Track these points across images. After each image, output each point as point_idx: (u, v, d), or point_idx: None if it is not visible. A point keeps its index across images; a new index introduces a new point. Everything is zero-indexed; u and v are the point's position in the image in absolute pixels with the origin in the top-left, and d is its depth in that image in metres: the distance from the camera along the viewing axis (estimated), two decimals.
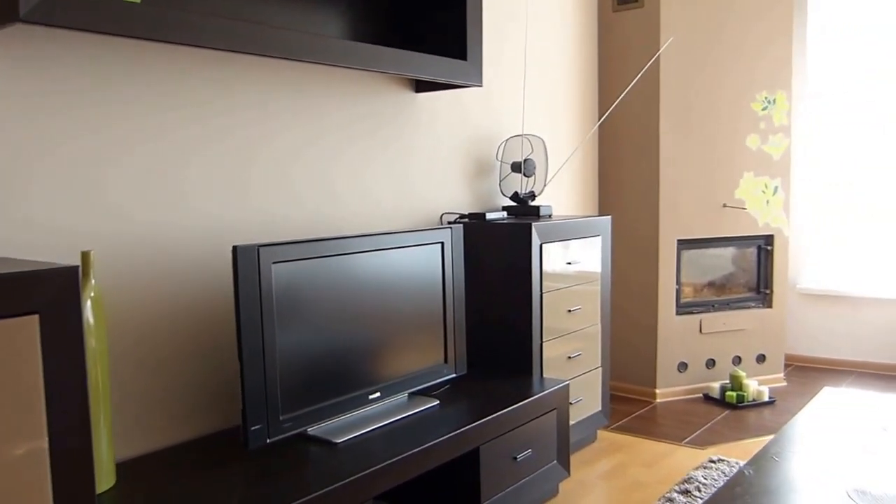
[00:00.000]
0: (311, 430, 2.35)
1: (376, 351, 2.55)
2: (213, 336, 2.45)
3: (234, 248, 2.09)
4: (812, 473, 2.18)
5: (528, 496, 2.81)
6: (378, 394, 2.54)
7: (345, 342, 2.43)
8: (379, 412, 2.55)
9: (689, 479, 3.10)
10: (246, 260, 2.12)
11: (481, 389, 2.89)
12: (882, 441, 2.44)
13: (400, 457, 2.21)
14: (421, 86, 3.16)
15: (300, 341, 2.28)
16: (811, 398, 4.26)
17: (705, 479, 3.10)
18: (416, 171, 3.20)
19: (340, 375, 2.42)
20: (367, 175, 2.97)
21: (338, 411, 2.41)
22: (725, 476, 3.13)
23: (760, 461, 2.26)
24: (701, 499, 2.91)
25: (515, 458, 2.72)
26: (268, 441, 2.18)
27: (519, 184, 3.61)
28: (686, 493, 2.97)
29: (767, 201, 4.37)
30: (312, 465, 2.14)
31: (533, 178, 3.59)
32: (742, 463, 3.27)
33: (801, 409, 4.06)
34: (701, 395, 4.35)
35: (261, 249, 2.16)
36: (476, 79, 3.02)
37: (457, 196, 3.43)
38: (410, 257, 2.66)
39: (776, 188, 4.38)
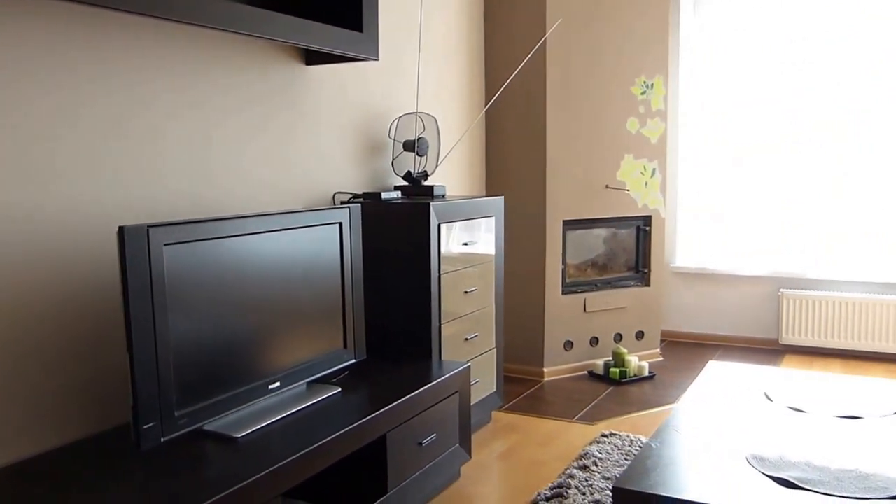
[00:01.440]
0: (209, 425, 2.18)
1: (275, 338, 2.40)
2: (99, 327, 2.23)
3: (121, 230, 1.90)
4: (712, 443, 2.24)
5: (432, 481, 2.76)
6: (278, 383, 2.40)
7: (241, 330, 2.27)
8: (279, 403, 2.42)
9: (585, 454, 3.15)
10: (134, 242, 1.92)
11: (382, 375, 2.81)
12: (767, 409, 2.56)
13: (306, 451, 2.09)
14: (313, 58, 3.00)
15: (194, 330, 2.10)
16: (687, 372, 4.46)
17: (600, 453, 3.15)
18: (305, 148, 3.05)
19: (238, 366, 2.26)
20: (250, 152, 2.79)
21: (236, 404, 2.25)
22: (619, 449, 3.20)
23: (664, 434, 2.31)
24: (599, 473, 2.96)
25: (420, 444, 2.66)
26: (162, 440, 2.00)
27: (412, 163, 3.53)
28: (584, 468, 3.01)
29: (646, 183, 4.51)
30: (212, 464, 1.99)
31: (425, 157, 3.52)
32: (633, 436, 3.36)
33: (678, 382, 4.24)
34: (586, 372, 4.45)
35: (150, 230, 1.97)
36: (372, 52, 2.90)
37: (348, 175, 3.31)
38: (308, 239, 2.53)
39: (654, 170, 4.53)
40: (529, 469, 3.09)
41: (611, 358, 4.48)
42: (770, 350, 4.96)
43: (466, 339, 3.35)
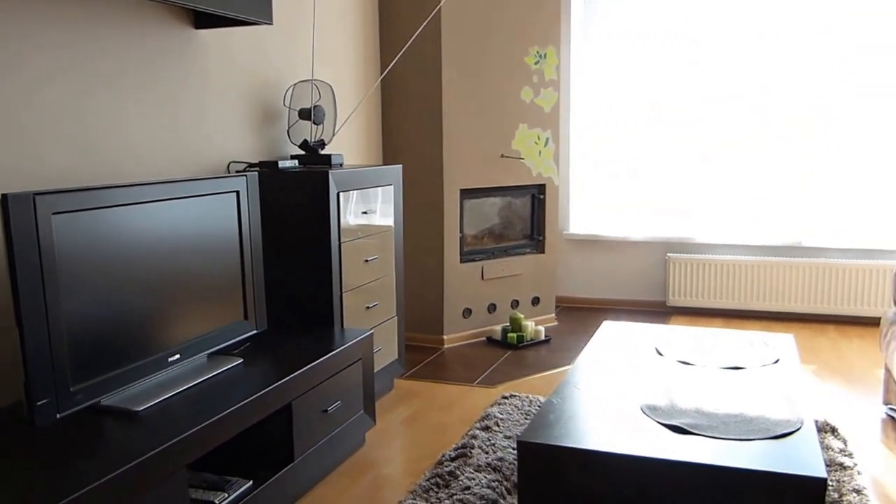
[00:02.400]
0: (107, 400, 2.11)
1: (173, 310, 2.34)
2: None
3: (4, 197, 1.79)
4: (609, 396, 2.35)
5: (338, 448, 2.76)
6: (178, 356, 2.34)
7: (138, 302, 2.19)
8: (180, 375, 2.36)
9: (486, 416, 3.23)
10: (19, 210, 1.82)
11: (285, 345, 2.78)
12: (658, 363, 2.70)
13: (209, 421, 2.05)
14: (203, 21, 2.90)
15: (88, 303, 2.02)
16: (581, 335, 4.62)
17: (501, 414, 3.24)
18: (196, 116, 2.95)
19: (135, 339, 2.19)
20: (135, 120, 2.68)
21: (135, 377, 2.18)
22: (519, 410, 3.30)
23: (563, 391, 2.40)
24: (500, 432, 3.04)
25: (326, 411, 2.66)
26: (58, 416, 1.92)
27: (309, 132, 3.47)
28: (487, 428, 3.09)
29: (540, 152, 4.61)
30: (112, 439, 1.92)
31: (322, 126, 3.48)
32: (531, 396, 3.47)
33: (573, 345, 4.40)
34: (485, 338, 4.55)
35: (37, 198, 1.87)
36: (265, 15, 2.83)
37: (243, 144, 3.23)
38: (205, 208, 2.46)
39: (547, 140, 4.64)
40: (433, 432, 3.15)
41: (508, 323, 4.59)
42: (658, 312, 5.20)
43: (368, 308, 3.36)
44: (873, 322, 4.81)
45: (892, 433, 3.13)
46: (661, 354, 2.80)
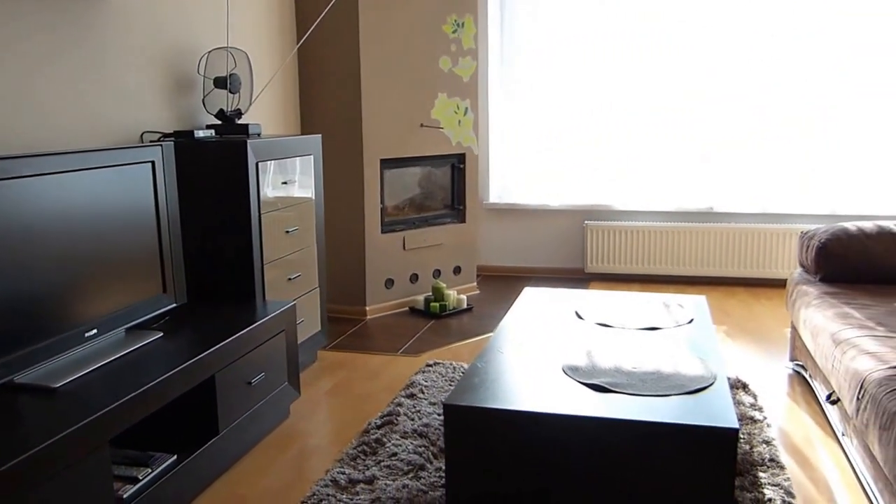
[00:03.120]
0: (20, 378, 2.03)
1: (89, 285, 2.26)
2: None
3: None
4: (532, 359, 2.40)
5: (263, 420, 2.74)
6: (95, 331, 2.26)
7: (51, 277, 2.11)
8: (98, 351, 2.29)
9: (411, 383, 3.25)
10: None
11: (206, 317, 2.73)
12: (579, 326, 2.77)
13: (129, 396, 2.00)
14: None
15: None
16: (503, 302, 4.69)
17: (426, 381, 3.27)
18: (105, 84, 2.83)
19: (49, 314, 2.11)
20: (38, 87, 2.55)
21: (50, 354, 2.11)
22: (443, 377, 3.33)
23: (488, 355, 2.44)
24: (426, 399, 3.08)
25: (250, 383, 2.63)
26: None
27: (225, 101, 3.39)
28: (412, 396, 3.11)
29: (459, 121, 4.63)
30: (29, 417, 1.86)
31: (238, 95, 3.40)
32: (455, 363, 3.52)
33: (495, 312, 4.46)
34: (407, 308, 4.56)
35: None
36: None
37: (157, 114, 3.12)
38: (119, 179, 2.37)
39: (466, 109, 4.66)
40: (358, 402, 3.16)
41: (430, 293, 4.61)
42: (577, 278, 5.33)
43: (289, 280, 3.32)
44: (781, 284, 5.05)
45: (797, 387, 3.31)
46: (580, 318, 2.88)
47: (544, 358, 2.41)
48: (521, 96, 5.28)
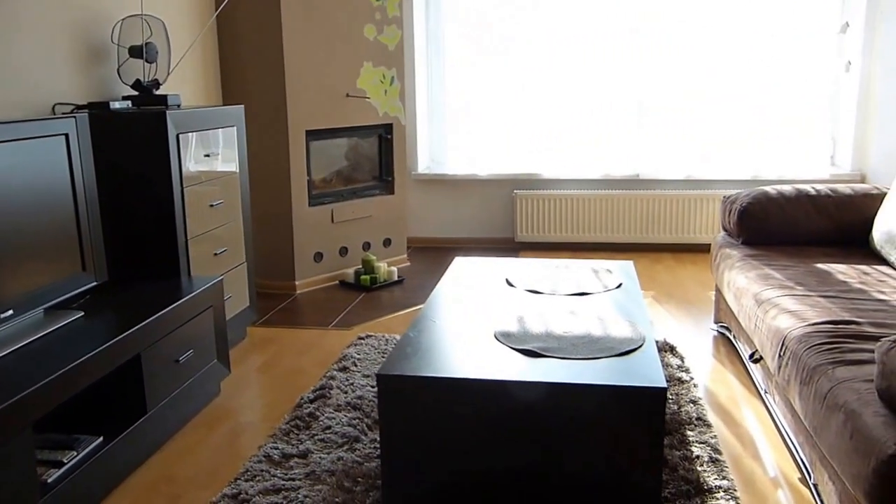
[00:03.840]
0: None
1: (1, 264, 2.14)
2: None
3: None
4: (464, 327, 2.40)
5: (193, 398, 2.68)
6: (10, 311, 2.15)
7: None
8: (15, 332, 2.18)
9: (343, 357, 3.22)
10: None
11: (129, 295, 2.63)
12: (510, 293, 2.78)
13: (51, 377, 1.92)
14: None
15: None
16: (434, 274, 4.68)
17: (358, 354, 3.25)
18: (10, 53, 2.67)
19: None
20: None
21: None
22: (376, 349, 3.31)
23: (420, 325, 2.43)
24: (359, 372, 3.05)
25: (178, 361, 2.55)
26: None
27: (141, 71, 3.24)
28: (344, 369, 3.08)
29: (386, 91, 4.56)
30: None
31: (155, 65, 3.26)
32: (388, 335, 3.50)
33: (426, 284, 4.45)
34: (337, 282, 4.51)
35: None
36: None
37: (69, 85, 2.97)
38: (30, 152, 2.25)
39: (393, 78, 4.59)
40: (290, 377, 3.11)
41: (361, 266, 4.57)
42: (507, 248, 5.35)
43: (215, 255, 3.23)
44: (704, 248, 5.19)
45: (722, 348, 3.42)
46: (511, 285, 2.89)
47: (476, 325, 2.41)
48: (448, 65, 5.24)
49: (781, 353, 2.31)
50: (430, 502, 2.09)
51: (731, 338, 3.32)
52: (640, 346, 2.20)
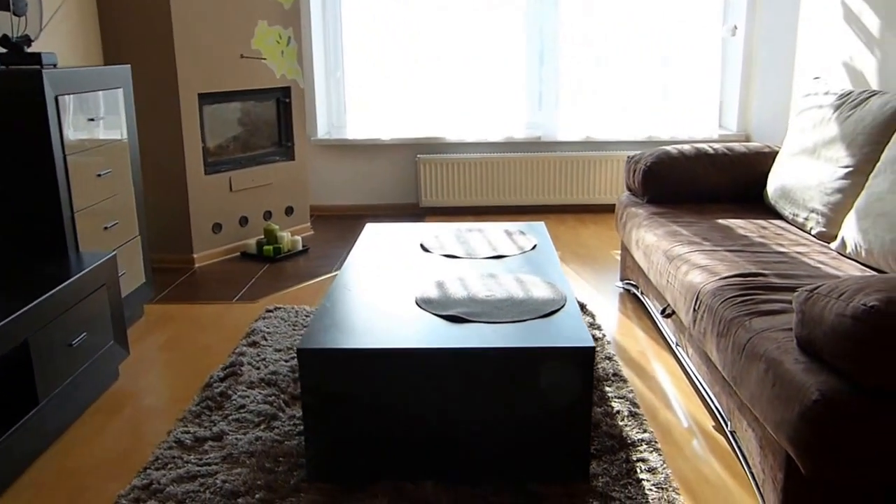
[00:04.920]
0: None
1: None
2: None
3: None
4: (383, 295, 2.32)
5: (89, 385, 2.49)
6: None
7: None
8: None
9: (252, 331, 3.08)
10: None
11: (10, 275, 2.40)
12: (426, 259, 2.71)
13: None
14: None
15: None
16: (339, 242, 4.56)
17: (267, 328, 3.11)
18: None
19: None
20: None
21: None
22: (286, 322, 3.18)
23: (336, 294, 2.33)
24: (270, 346, 2.92)
25: (71, 345, 2.35)
26: None
27: (9, 26, 2.94)
28: (254, 344, 2.95)
29: (283, 52, 4.36)
30: None
31: (25, 19, 2.97)
32: (297, 307, 3.37)
33: (332, 252, 4.33)
34: (239, 253, 4.32)
35: None
36: None
37: None
38: None
39: (290, 38, 4.39)
40: (196, 355, 2.95)
41: (263, 236, 4.39)
42: (412, 213, 5.27)
43: (106, 229, 3.01)
44: (604, 209, 5.27)
45: (628, 304, 3.47)
46: (427, 251, 2.82)
47: (395, 293, 2.33)
48: (345, 25, 5.06)
49: (696, 308, 2.35)
50: (359, 478, 2.01)
51: (639, 294, 3.38)
52: (562, 307, 2.19)
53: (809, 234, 2.89)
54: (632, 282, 3.52)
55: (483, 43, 5.06)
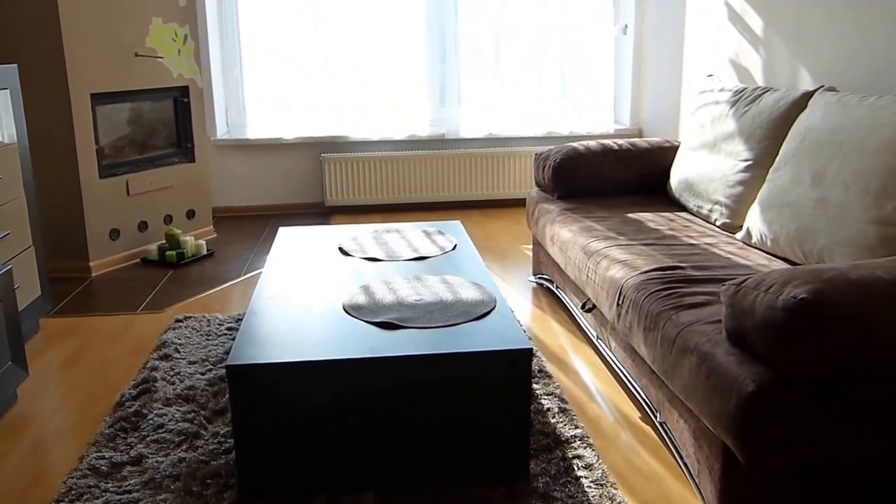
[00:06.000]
0: None
1: None
2: None
3: None
4: (309, 303, 2.25)
5: None
6: None
7: None
8: None
9: (163, 343, 2.93)
10: None
11: None
12: (347, 263, 2.66)
13: None
14: None
15: None
16: (245, 244, 4.42)
17: (179, 339, 2.97)
18: None
19: None
20: None
21: None
22: (198, 332, 3.05)
23: (260, 304, 2.24)
24: (183, 359, 2.79)
25: None
26: None
27: None
28: (166, 357, 2.80)
29: (179, 50, 4.17)
30: None
31: None
32: (208, 316, 3.23)
33: (239, 255, 4.19)
34: (139, 260, 4.11)
35: None
36: None
37: None
38: None
39: (186, 36, 4.20)
40: (102, 372, 2.78)
41: (164, 241, 4.19)
42: (318, 213, 5.17)
43: None
44: (510, 203, 5.32)
45: (543, 298, 3.52)
46: (347, 254, 2.76)
47: (321, 300, 2.27)
48: (242, 21, 4.89)
49: (620, 302, 2.39)
50: (295, 495, 1.94)
51: (554, 289, 3.42)
52: (493, 308, 2.18)
53: (714, 224, 3.00)
54: (545, 276, 3.56)
55: (385, 41, 5.01)
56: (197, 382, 2.58)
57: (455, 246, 2.84)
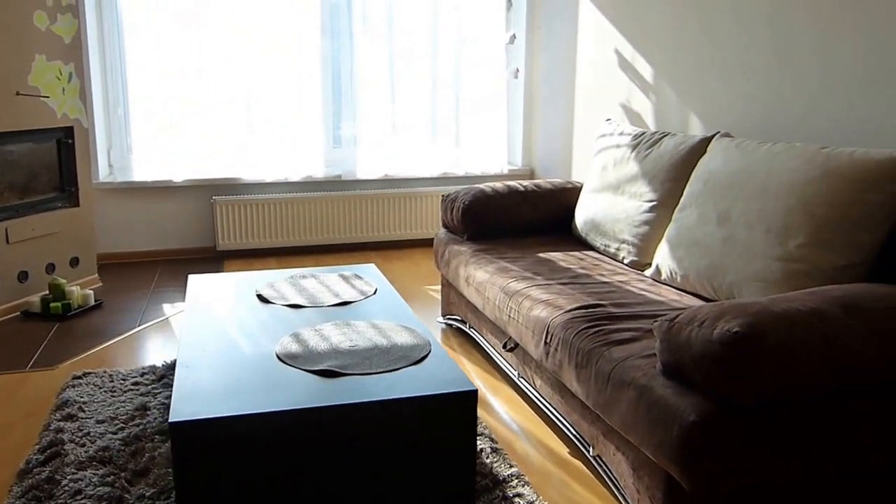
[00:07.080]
0: None
1: None
2: None
3: None
4: (240, 354, 2.18)
5: None
6: None
7: None
8: None
9: (64, 402, 2.73)
10: None
11: None
12: (270, 311, 2.59)
13: None
14: None
15: None
16: (136, 292, 4.21)
17: (82, 397, 2.78)
18: None
19: None
20: None
21: None
22: (101, 388, 2.86)
23: (188, 357, 2.15)
24: (91, 418, 2.60)
25: None
26: None
27: None
28: (70, 417, 2.61)
29: (64, 89, 3.96)
30: None
31: None
32: (109, 370, 3.04)
33: (131, 305, 3.98)
34: (20, 313, 3.82)
35: None
36: None
37: None
38: None
39: (71, 74, 4.00)
40: None
41: (48, 292, 3.92)
42: (210, 258, 4.99)
43: None
44: (409, 244, 5.34)
45: (453, 338, 3.55)
46: (267, 301, 2.69)
47: (253, 350, 2.20)
48: (128, 60, 4.70)
49: (548, 341, 2.46)
50: None
51: (467, 329, 3.46)
52: (430, 351, 2.19)
53: (622, 262, 3.14)
54: (456, 317, 3.60)
55: (279, 81, 4.96)
56: (110, 443, 2.42)
57: (376, 290, 2.83)
